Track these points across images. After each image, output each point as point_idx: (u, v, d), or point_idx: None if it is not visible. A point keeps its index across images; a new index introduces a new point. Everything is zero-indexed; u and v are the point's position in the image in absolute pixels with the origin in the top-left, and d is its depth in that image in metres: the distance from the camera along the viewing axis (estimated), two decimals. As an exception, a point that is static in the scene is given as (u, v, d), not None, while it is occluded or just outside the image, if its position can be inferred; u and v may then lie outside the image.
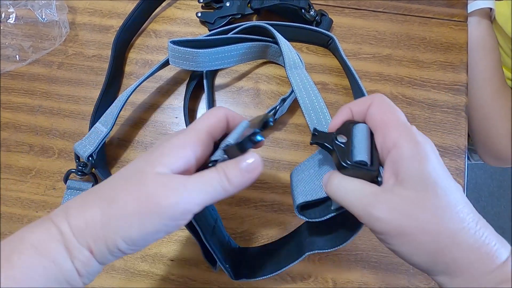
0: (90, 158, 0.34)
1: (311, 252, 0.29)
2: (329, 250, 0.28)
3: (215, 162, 0.21)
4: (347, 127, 0.23)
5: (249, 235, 0.36)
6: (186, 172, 0.20)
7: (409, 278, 0.34)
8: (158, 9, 0.43)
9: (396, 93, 0.40)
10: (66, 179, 0.36)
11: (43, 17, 0.41)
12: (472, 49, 0.45)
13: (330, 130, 0.24)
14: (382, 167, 0.22)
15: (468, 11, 0.44)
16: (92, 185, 0.36)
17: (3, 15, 0.41)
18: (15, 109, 0.40)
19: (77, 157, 0.36)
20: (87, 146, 0.34)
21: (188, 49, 0.35)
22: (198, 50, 0.35)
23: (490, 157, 0.51)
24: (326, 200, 0.25)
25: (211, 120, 0.22)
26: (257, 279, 0.31)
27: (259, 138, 0.20)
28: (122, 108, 0.36)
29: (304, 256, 0.30)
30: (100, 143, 0.34)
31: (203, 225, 0.27)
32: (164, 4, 0.43)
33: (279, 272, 0.31)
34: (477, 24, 0.46)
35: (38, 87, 0.41)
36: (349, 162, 0.21)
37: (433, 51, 0.41)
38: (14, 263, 0.18)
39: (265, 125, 0.21)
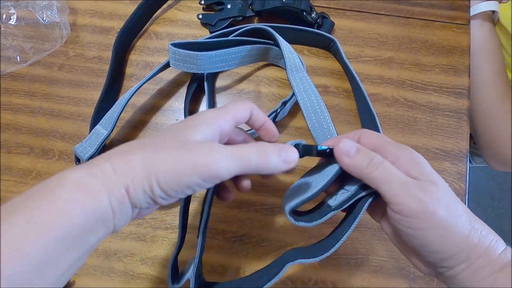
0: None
1: (293, 263, 0.26)
2: (312, 261, 0.26)
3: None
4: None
5: (248, 238, 0.36)
6: None
7: (410, 283, 0.34)
8: (159, 11, 0.43)
9: (397, 96, 0.40)
10: (66, 181, 0.36)
11: (44, 18, 0.41)
12: (475, 52, 0.45)
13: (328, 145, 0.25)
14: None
15: (471, 14, 0.44)
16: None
17: (4, 16, 0.41)
18: (15, 111, 0.40)
19: (77, 159, 0.36)
20: (88, 148, 0.34)
21: (189, 51, 0.34)
22: (199, 53, 0.35)
23: (495, 161, 0.51)
24: (320, 205, 0.26)
25: (238, 108, 0.24)
26: None
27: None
28: (122, 110, 0.35)
29: (285, 268, 0.26)
30: (100, 145, 0.34)
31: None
32: (165, 6, 0.43)
33: None
34: (480, 27, 0.46)
35: (38, 88, 0.40)
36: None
37: (435, 54, 0.41)
38: (57, 195, 0.18)
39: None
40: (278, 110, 0.36)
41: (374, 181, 0.22)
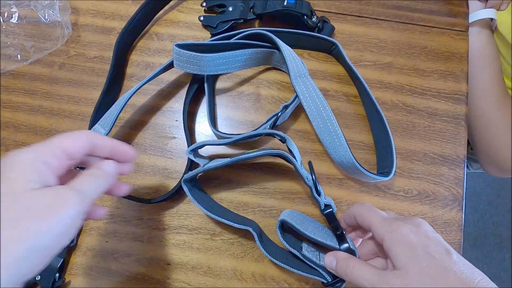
0: (89, 160, 0.34)
1: (252, 232, 0.32)
2: (261, 248, 0.32)
3: None
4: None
5: (246, 240, 0.36)
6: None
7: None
8: (160, 12, 0.43)
9: (396, 101, 0.40)
10: (64, 180, 0.36)
11: (46, 17, 0.41)
12: (473, 59, 0.45)
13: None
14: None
15: (469, 21, 0.44)
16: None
17: (6, 14, 0.41)
18: (15, 109, 0.40)
19: (76, 158, 0.35)
20: (86, 147, 0.34)
21: (194, 53, 0.34)
22: (203, 55, 0.35)
23: (492, 167, 0.51)
24: (296, 243, 0.33)
25: (67, 141, 0.22)
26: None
27: None
28: (121, 110, 0.36)
29: (244, 227, 0.32)
30: (100, 144, 0.34)
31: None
32: (167, 7, 0.43)
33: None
34: (478, 34, 0.46)
35: (39, 87, 0.40)
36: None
37: (434, 60, 0.42)
38: None
39: None
40: (279, 114, 0.36)
41: (351, 281, 0.27)
